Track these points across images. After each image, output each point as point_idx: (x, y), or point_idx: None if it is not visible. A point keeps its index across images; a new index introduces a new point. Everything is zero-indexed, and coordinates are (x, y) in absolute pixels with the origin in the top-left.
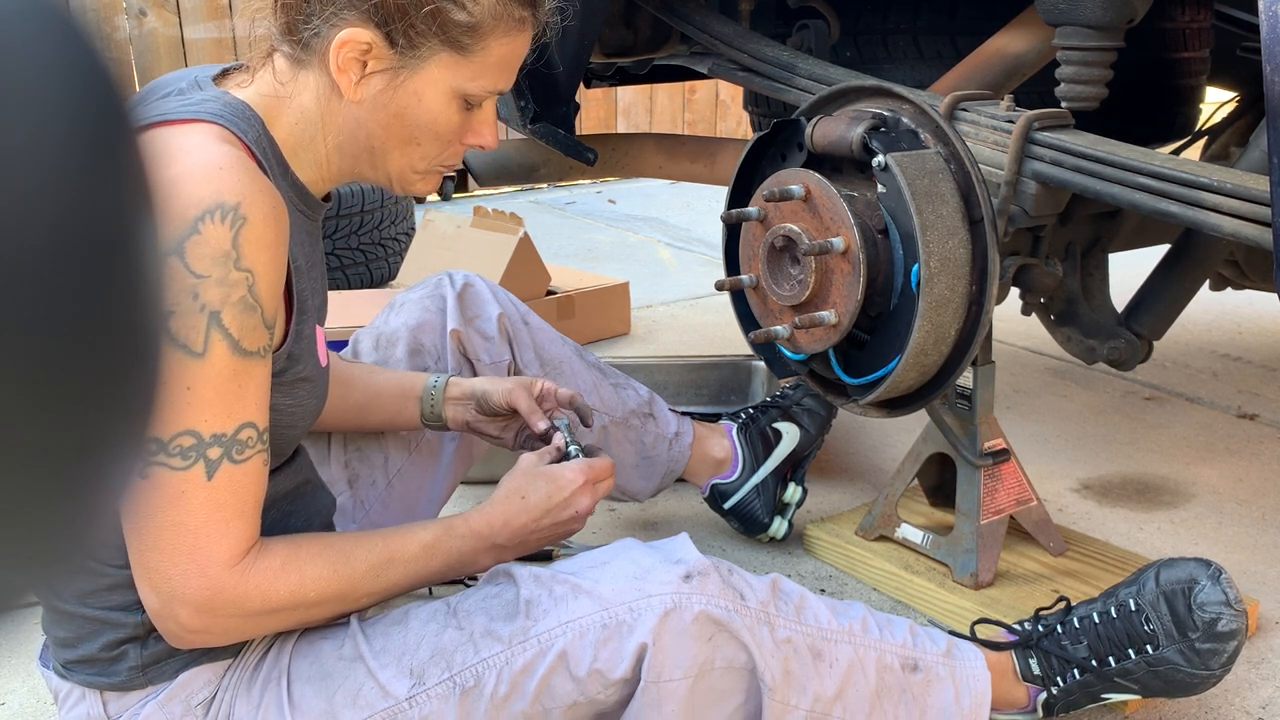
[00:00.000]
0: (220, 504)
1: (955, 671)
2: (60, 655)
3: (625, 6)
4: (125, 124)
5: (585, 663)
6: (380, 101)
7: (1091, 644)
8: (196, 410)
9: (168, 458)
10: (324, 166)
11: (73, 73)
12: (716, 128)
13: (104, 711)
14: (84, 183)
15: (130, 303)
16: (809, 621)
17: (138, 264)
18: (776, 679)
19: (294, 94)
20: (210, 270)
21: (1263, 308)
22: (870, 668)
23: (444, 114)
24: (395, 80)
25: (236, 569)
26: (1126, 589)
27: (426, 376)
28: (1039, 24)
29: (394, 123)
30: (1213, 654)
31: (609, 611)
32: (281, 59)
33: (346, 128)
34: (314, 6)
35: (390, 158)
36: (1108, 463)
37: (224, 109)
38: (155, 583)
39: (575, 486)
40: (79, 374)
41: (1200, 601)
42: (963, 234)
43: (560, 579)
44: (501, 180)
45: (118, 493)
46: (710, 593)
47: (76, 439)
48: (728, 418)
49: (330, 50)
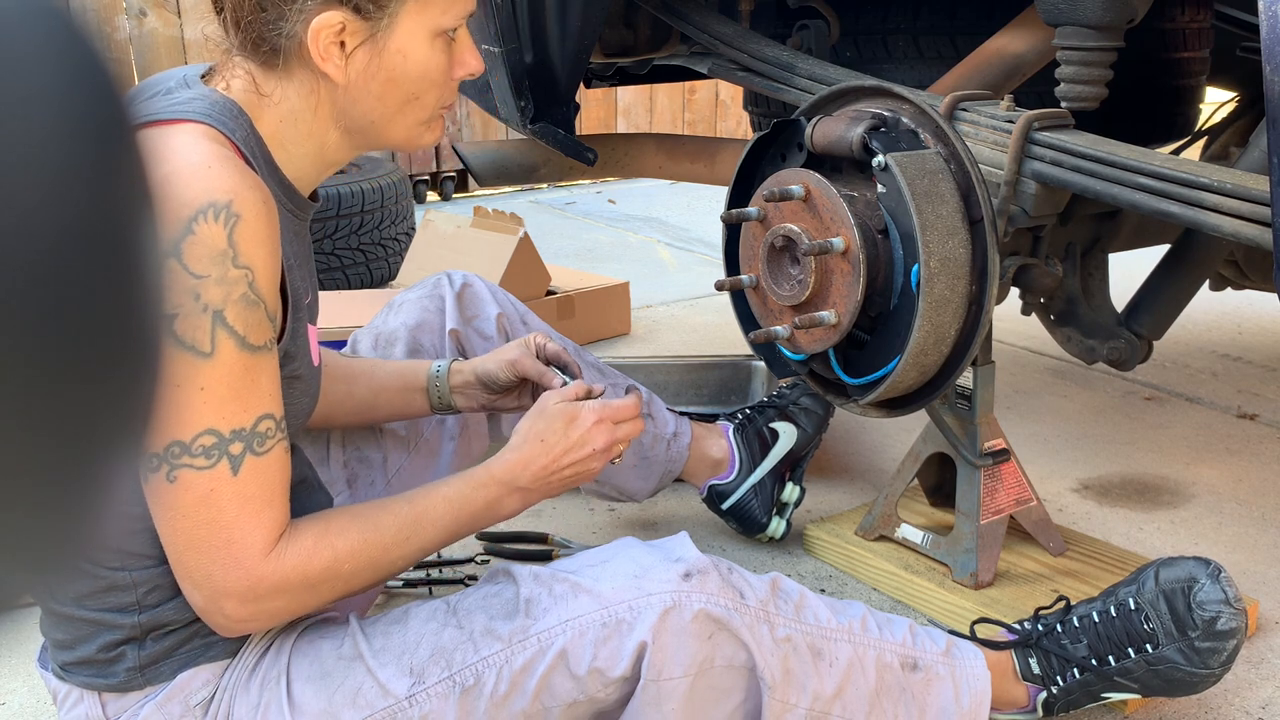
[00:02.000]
0: (249, 496)
1: (955, 670)
2: (58, 657)
3: (625, 7)
4: (125, 125)
5: (585, 661)
6: (369, 73)
7: (1091, 643)
8: (213, 409)
9: (191, 459)
10: (314, 159)
11: (73, 73)
12: (716, 128)
13: (103, 712)
14: (85, 184)
15: (131, 304)
16: (808, 620)
17: (138, 265)
18: (776, 677)
19: (279, 95)
20: (209, 270)
21: (1263, 308)
22: (870, 666)
23: (431, 58)
24: (376, 47)
25: (272, 555)
26: (1126, 588)
27: (427, 365)
28: (1039, 24)
29: (388, 88)
30: (1212, 653)
31: (609, 610)
32: (255, 69)
33: (346, 111)
34: (279, 11)
35: (394, 122)
36: (1108, 463)
37: (211, 108)
38: (197, 580)
39: (590, 423)
40: (80, 376)
41: (1200, 600)
42: (963, 234)
43: (560, 577)
44: (502, 180)
45: (117, 494)
46: (710, 591)
47: (77, 440)
48: (725, 418)
49: (307, 44)
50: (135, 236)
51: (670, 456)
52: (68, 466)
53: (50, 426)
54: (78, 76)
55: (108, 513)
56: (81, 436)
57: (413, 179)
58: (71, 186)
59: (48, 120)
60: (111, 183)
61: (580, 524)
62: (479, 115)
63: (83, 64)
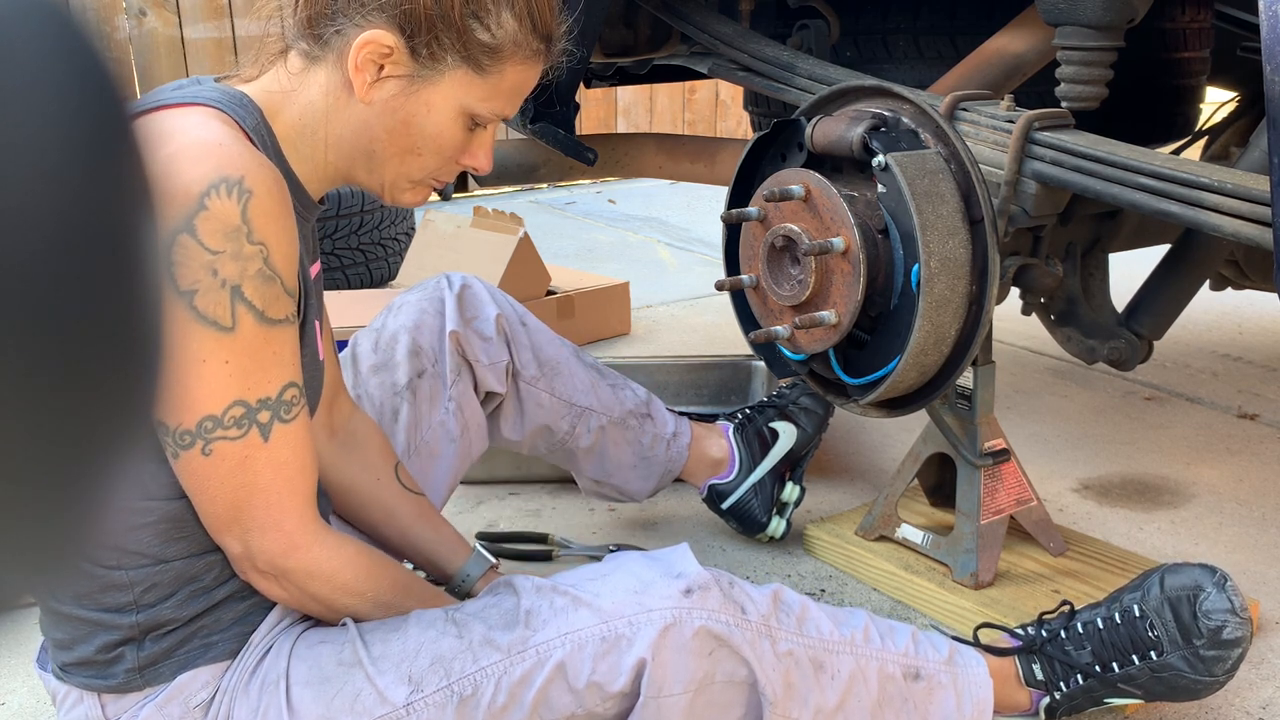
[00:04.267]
0: (282, 462)
1: (957, 679)
2: (58, 657)
3: (625, 6)
4: (124, 123)
5: (584, 675)
6: (390, 106)
7: (1095, 649)
8: (239, 381)
9: (224, 431)
10: (320, 164)
11: (72, 72)
12: (716, 128)
13: (102, 714)
14: (83, 182)
15: (130, 301)
16: (810, 633)
17: (136, 262)
18: (778, 692)
19: (302, 87)
20: (224, 245)
21: (1263, 308)
22: (872, 678)
23: (450, 129)
24: (409, 88)
25: (312, 527)
26: (1130, 594)
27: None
28: (1039, 24)
29: (399, 129)
30: (1217, 660)
31: (608, 625)
32: (295, 55)
33: (350, 126)
34: (342, 5)
35: (388, 164)
36: (1108, 463)
37: (222, 96)
38: (238, 534)
39: None
40: (79, 374)
41: (1205, 609)
42: (963, 234)
43: (561, 590)
44: (502, 180)
45: (119, 492)
46: (711, 608)
47: (77, 439)
48: (724, 418)
49: (351, 48)
50: (133, 233)
51: (670, 456)
52: (68, 465)
53: (49, 425)
54: (75, 73)
55: (108, 511)
56: (81, 435)
57: None
58: (68, 182)
59: (46, 118)
60: (109, 179)
61: (580, 524)
62: None
63: (81, 61)
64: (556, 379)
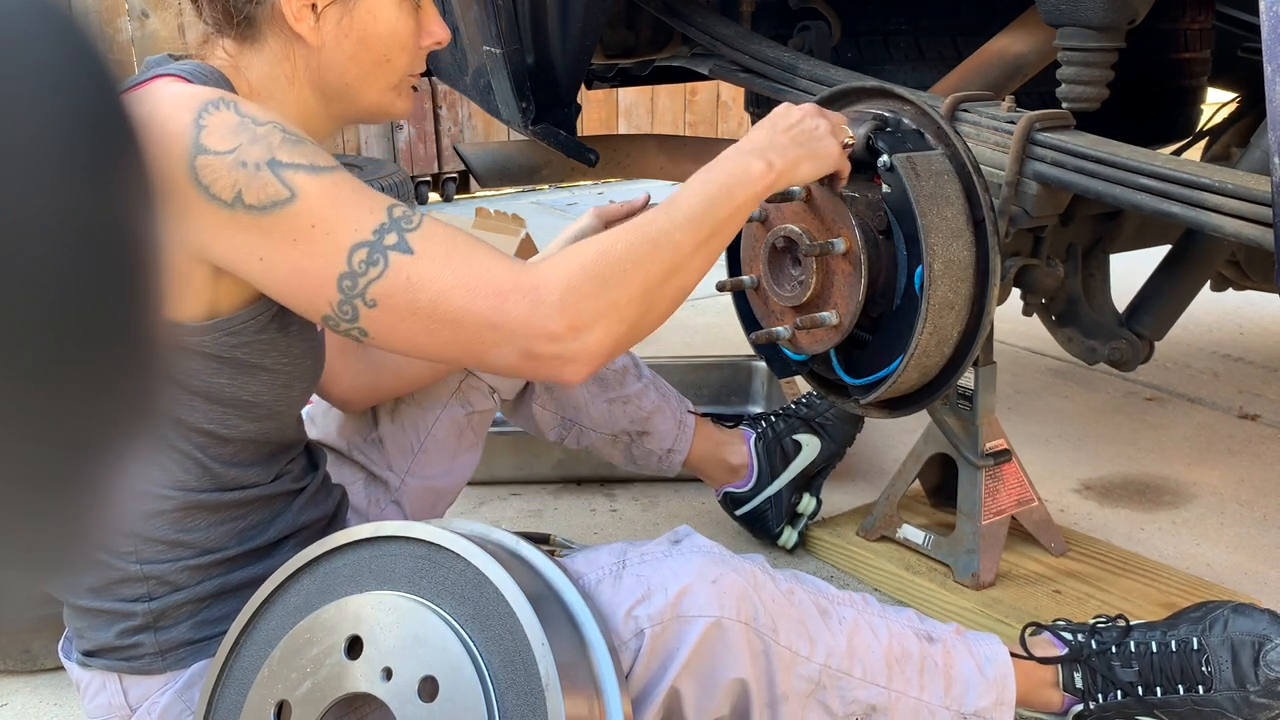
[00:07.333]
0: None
1: (972, 647)
2: (80, 645)
3: (626, 8)
4: (126, 123)
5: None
6: (342, 32)
7: (1143, 670)
8: (341, 229)
9: (367, 277)
10: (304, 126)
11: (74, 74)
12: (718, 129)
13: (125, 700)
14: (85, 182)
15: (131, 300)
16: (809, 584)
17: (139, 260)
18: (776, 625)
19: (255, 68)
20: (237, 139)
21: (1264, 308)
22: (881, 630)
23: (400, 20)
24: (346, 6)
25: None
26: (1190, 625)
27: None
28: (1040, 25)
29: (360, 49)
30: (1264, 708)
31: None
32: (228, 43)
33: (319, 74)
34: None
35: (367, 86)
36: (1109, 463)
37: (184, 68)
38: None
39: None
40: (79, 373)
41: (1270, 660)
42: (967, 236)
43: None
44: (503, 181)
45: (124, 489)
46: (702, 546)
47: (79, 439)
48: (747, 423)
49: (279, 8)
50: (135, 230)
51: (660, 468)
52: (75, 467)
53: (51, 425)
54: (76, 72)
55: (116, 509)
56: (82, 434)
57: (415, 180)
58: (71, 182)
59: (48, 119)
60: (111, 179)
61: (582, 525)
62: (481, 116)
63: (83, 64)
64: (551, 390)
